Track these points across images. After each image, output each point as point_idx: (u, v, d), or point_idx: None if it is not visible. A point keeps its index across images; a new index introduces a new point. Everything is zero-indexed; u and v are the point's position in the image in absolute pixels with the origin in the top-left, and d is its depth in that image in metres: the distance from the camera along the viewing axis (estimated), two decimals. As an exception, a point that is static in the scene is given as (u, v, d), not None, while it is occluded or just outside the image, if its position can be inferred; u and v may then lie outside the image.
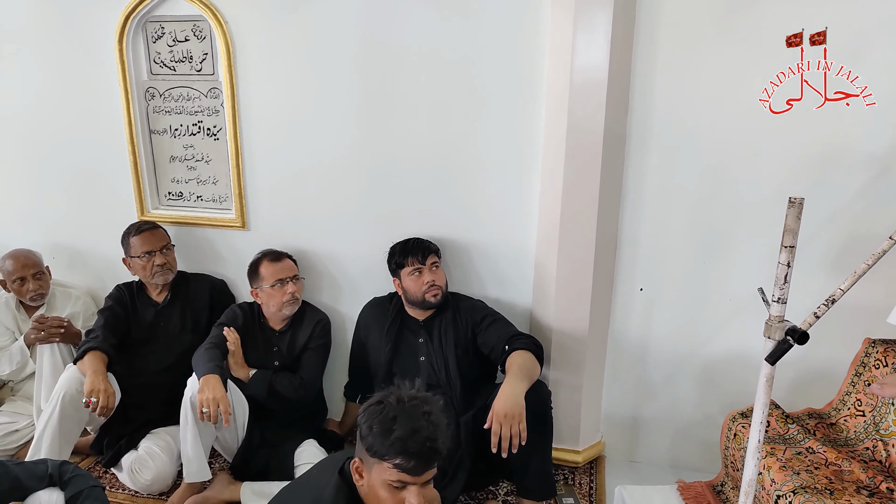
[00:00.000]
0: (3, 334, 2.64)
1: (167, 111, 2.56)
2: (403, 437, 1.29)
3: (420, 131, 2.31)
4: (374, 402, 1.37)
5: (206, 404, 2.06)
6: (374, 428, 1.32)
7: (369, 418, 1.34)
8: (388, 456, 1.30)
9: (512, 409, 1.83)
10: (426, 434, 1.31)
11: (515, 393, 1.87)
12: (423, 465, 1.32)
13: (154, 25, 2.46)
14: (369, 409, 1.36)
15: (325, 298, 2.60)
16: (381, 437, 1.30)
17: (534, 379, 2.00)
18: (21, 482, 1.60)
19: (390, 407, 1.33)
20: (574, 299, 2.25)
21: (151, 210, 2.68)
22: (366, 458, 1.35)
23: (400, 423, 1.30)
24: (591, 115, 2.05)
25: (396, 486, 1.32)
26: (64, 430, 2.21)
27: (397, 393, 1.37)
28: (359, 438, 1.37)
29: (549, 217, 2.22)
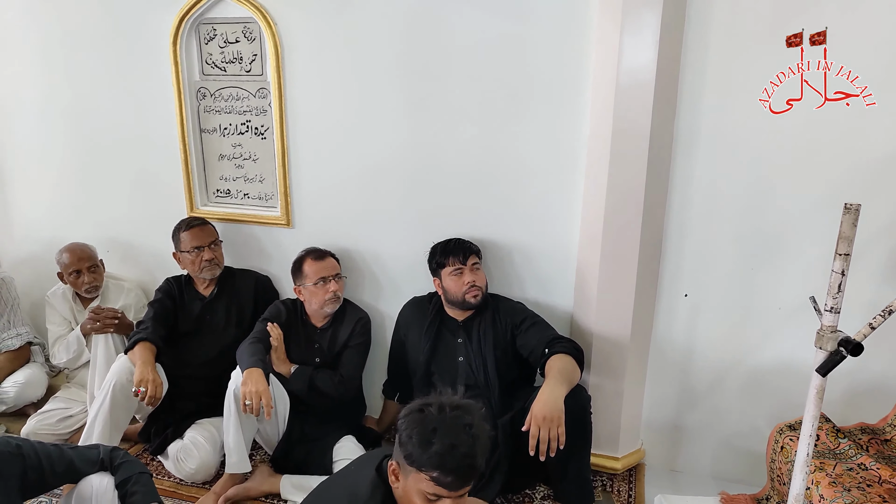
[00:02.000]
0: (61, 324, 2.76)
1: (217, 111, 2.63)
2: (442, 453, 1.27)
3: (463, 131, 2.31)
4: (415, 409, 1.36)
5: (249, 397, 2.11)
6: (413, 437, 1.31)
7: (409, 426, 1.33)
8: (426, 468, 1.29)
9: (551, 413, 1.82)
10: (465, 450, 1.29)
11: (555, 397, 1.86)
12: (461, 482, 1.31)
13: (207, 27, 2.53)
14: (410, 416, 1.34)
15: (366, 297, 2.63)
16: (420, 447, 1.29)
17: (573, 383, 1.98)
18: (75, 465, 1.66)
19: (431, 417, 1.31)
20: (616, 303, 2.22)
21: (200, 206, 2.75)
22: (403, 464, 1.34)
23: (440, 436, 1.29)
24: (637, 118, 2.01)
25: (431, 497, 1.32)
26: (114, 418, 2.29)
27: (439, 401, 1.35)
28: (397, 443, 1.36)
29: (592, 219, 2.20)
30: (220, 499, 2.21)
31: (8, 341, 2.70)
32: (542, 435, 1.81)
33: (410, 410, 1.36)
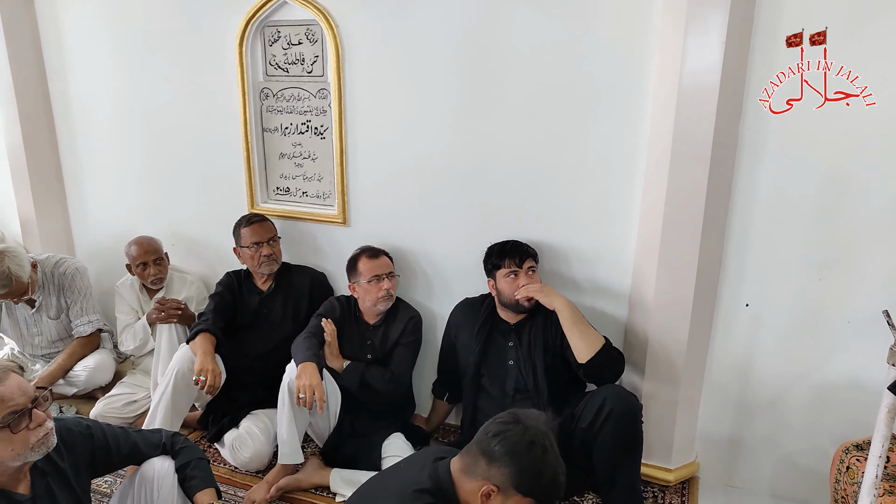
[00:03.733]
0: (129, 313, 2.90)
1: (279, 110, 2.71)
2: (562, 483, 1.41)
3: (520, 133, 2.31)
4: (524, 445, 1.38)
5: (302, 390, 2.16)
6: (536, 475, 1.37)
7: (530, 463, 1.37)
8: (539, 495, 1.39)
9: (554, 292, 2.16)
10: (563, 472, 1.42)
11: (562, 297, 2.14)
12: (553, 501, 1.43)
13: (271, 30, 2.60)
14: (529, 453, 1.38)
15: (418, 296, 2.66)
16: (543, 483, 1.38)
17: (588, 337, 2.09)
18: (139, 448, 1.74)
19: (551, 452, 1.40)
20: (673, 311, 2.17)
21: (261, 203, 2.84)
22: (508, 491, 1.38)
23: (555, 469, 1.40)
24: (700, 121, 1.96)
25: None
26: (175, 404, 2.39)
27: (544, 429, 1.42)
28: (499, 470, 1.38)
29: (650, 225, 2.15)
30: (272, 488, 2.27)
31: (80, 328, 2.85)
32: (533, 285, 2.18)
33: (521, 446, 1.39)
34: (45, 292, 2.80)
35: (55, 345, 2.89)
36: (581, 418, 2.03)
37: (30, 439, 1.41)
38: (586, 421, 2.00)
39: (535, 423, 1.43)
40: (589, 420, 1.99)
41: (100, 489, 2.33)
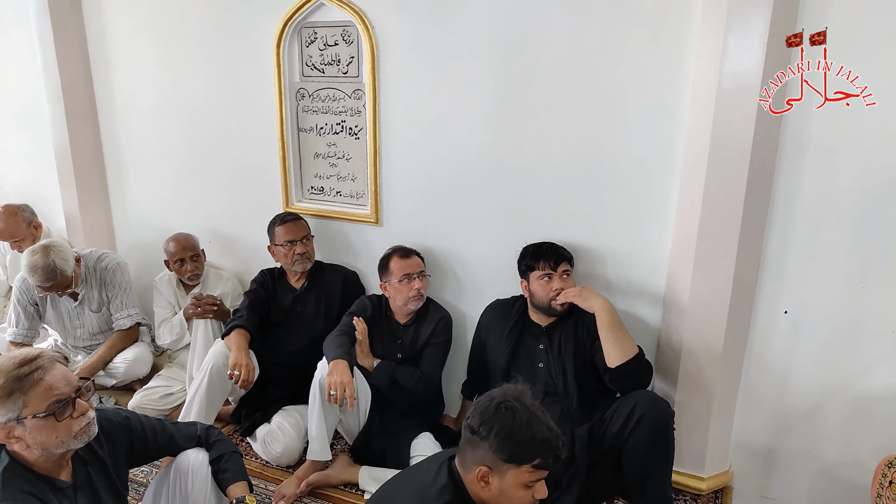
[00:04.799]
0: (166, 308, 2.97)
1: (314, 111, 2.74)
2: (544, 439, 1.36)
3: (555, 134, 2.29)
4: (493, 410, 1.38)
5: (333, 387, 2.18)
6: (511, 438, 1.35)
7: (501, 430, 1.35)
8: (528, 460, 1.36)
9: (594, 294, 2.13)
10: (555, 430, 1.40)
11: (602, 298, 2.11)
12: (558, 460, 1.40)
13: (308, 31, 2.64)
14: (495, 419, 1.36)
15: (448, 296, 2.66)
16: (522, 444, 1.35)
17: (623, 344, 2.06)
18: (175, 440, 1.78)
19: (519, 413, 1.37)
20: (709, 317, 2.13)
21: (295, 202, 2.88)
22: (498, 466, 1.37)
23: (536, 425, 1.36)
24: (740, 123, 1.92)
25: (530, 485, 1.39)
26: (210, 398, 2.44)
27: (509, 394, 1.40)
28: (485, 450, 1.38)
29: (686, 228, 2.11)
30: (301, 483, 2.30)
31: (120, 321, 2.93)
32: (571, 289, 2.15)
33: (489, 413, 1.39)
34: (87, 286, 2.89)
35: (96, 337, 2.98)
36: (611, 423, 2.00)
37: (73, 428, 1.45)
38: (616, 426, 1.98)
39: (502, 392, 1.42)
40: (619, 425, 1.97)
41: (136, 478, 2.39)
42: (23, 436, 1.42)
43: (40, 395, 1.41)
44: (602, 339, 2.09)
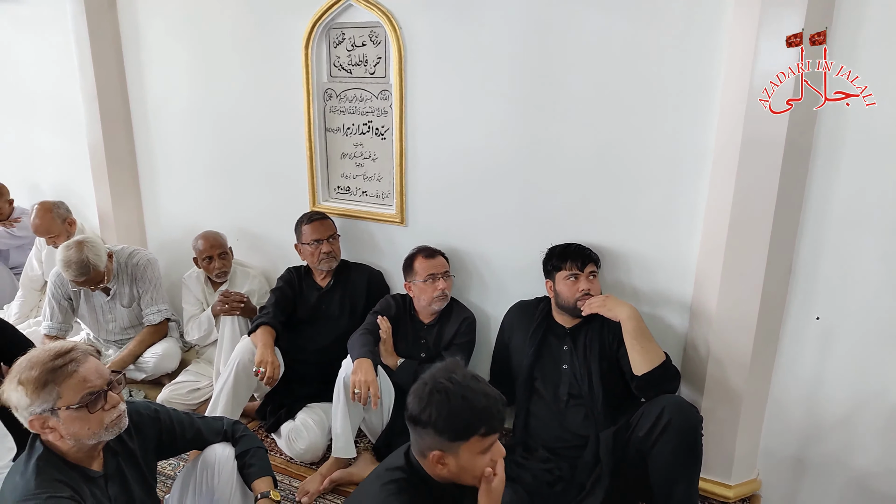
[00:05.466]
0: (195, 304, 3.02)
1: (342, 111, 2.76)
2: (483, 407, 1.39)
3: (582, 135, 2.28)
4: (426, 394, 1.40)
5: (357, 385, 2.19)
6: (451, 417, 1.37)
7: (440, 413, 1.38)
8: (474, 430, 1.38)
9: (618, 302, 2.09)
10: (493, 394, 1.42)
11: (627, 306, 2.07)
12: (502, 421, 1.42)
13: (336, 32, 2.66)
14: (432, 402, 1.39)
15: (472, 297, 2.66)
16: (463, 419, 1.37)
17: (649, 351, 2.02)
18: (202, 434, 1.81)
19: (452, 391, 1.39)
20: (737, 323, 2.09)
21: (322, 202, 2.90)
22: (448, 446, 1.40)
23: (471, 398, 1.38)
24: (771, 125, 1.89)
25: (486, 449, 1.41)
26: (236, 394, 2.47)
27: (439, 375, 1.43)
28: (431, 434, 1.40)
29: (715, 231, 2.08)
30: (325, 480, 2.32)
31: (150, 316, 2.99)
32: (596, 299, 2.12)
33: (424, 399, 1.41)
34: (119, 281, 2.95)
35: (127, 331, 3.04)
36: (638, 427, 1.98)
37: (104, 419, 1.49)
38: (643, 430, 1.95)
39: (432, 375, 1.44)
40: (646, 429, 1.94)
41: (164, 471, 2.44)
42: (57, 426, 1.45)
43: (74, 387, 1.45)
44: (628, 347, 2.06)
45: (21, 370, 1.45)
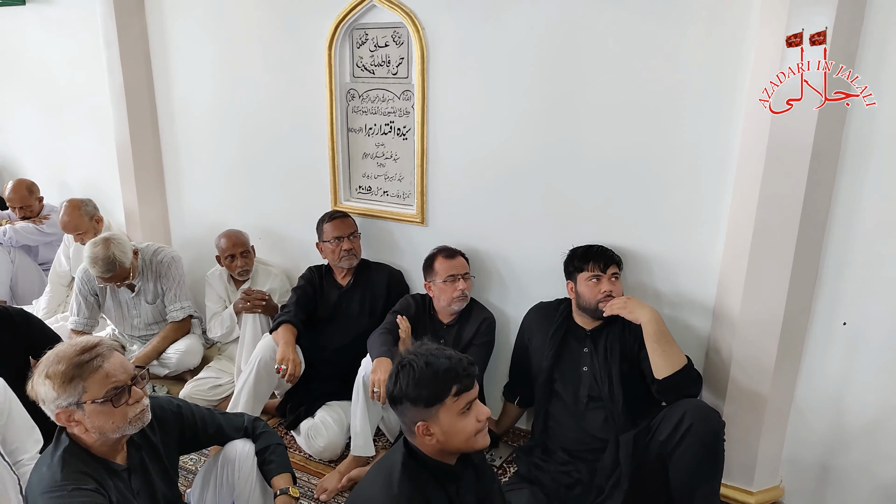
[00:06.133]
0: (217, 302, 3.06)
1: (364, 111, 2.78)
2: (448, 367, 1.45)
3: (604, 136, 2.26)
4: (395, 372, 1.49)
5: (377, 385, 2.20)
6: (420, 383, 1.44)
7: (408, 384, 1.45)
8: (446, 391, 1.44)
9: (639, 304, 2.07)
10: (455, 355, 1.48)
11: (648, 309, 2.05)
12: (471, 378, 1.48)
13: (359, 32, 2.68)
14: (402, 377, 1.47)
15: (492, 298, 2.65)
16: (431, 384, 1.44)
17: (670, 355, 2.00)
18: (223, 430, 1.83)
19: (416, 361, 1.47)
20: (761, 327, 2.06)
21: (343, 201, 2.92)
22: (428, 413, 1.45)
23: (434, 363, 1.46)
24: (799, 126, 1.85)
25: (465, 409, 1.47)
26: (257, 391, 2.50)
27: (406, 353, 1.52)
28: (409, 407, 1.47)
29: (740, 234, 2.05)
30: (343, 478, 2.33)
31: (174, 313, 3.03)
32: (617, 300, 2.09)
33: (394, 379, 1.49)
34: (143, 278, 3.00)
35: (151, 327, 3.09)
36: (658, 430, 1.96)
37: (128, 414, 1.51)
38: (664, 434, 1.93)
39: (399, 357, 1.53)
40: (667, 433, 1.92)
41: (185, 466, 2.47)
42: (82, 420, 1.48)
43: (99, 381, 1.47)
44: (649, 350, 2.04)
45: (48, 364, 1.48)
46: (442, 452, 1.51)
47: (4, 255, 3.57)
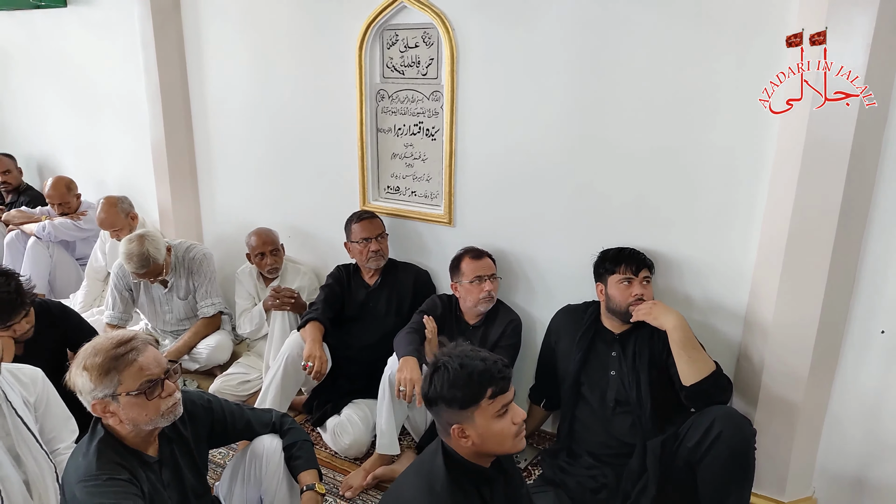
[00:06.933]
0: (246, 299, 3.11)
1: (393, 112, 2.79)
2: (482, 369, 1.45)
3: (634, 137, 2.24)
4: (430, 377, 1.49)
5: (403, 383, 2.21)
6: (454, 386, 1.44)
7: (443, 385, 1.46)
8: (480, 393, 1.44)
9: (665, 310, 2.03)
10: (490, 357, 1.48)
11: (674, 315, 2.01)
12: (506, 380, 1.47)
13: (390, 33, 2.69)
14: (435, 381, 1.47)
15: (518, 300, 2.64)
16: (466, 386, 1.44)
17: (697, 361, 1.97)
18: (252, 425, 1.86)
19: (451, 363, 1.47)
20: (795, 334, 2.01)
21: (371, 201, 2.94)
22: (464, 416, 1.45)
23: (468, 364, 1.45)
24: (837, 129, 1.81)
25: (501, 412, 1.46)
26: (285, 387, 2.53)
27: (441, 354, 1.51)
28: (444, 409, 1.47)
29: (774, 238, 2.01)
30: (368, 475, 2.35)
31: (205, 309, 3.09)
32: (646, 305, 2.06)
33: (429, 381, 1.49)
34: (176, 274, 3.06)
35: (182, 323, 3.15)
36: (687, 437, 1.93)
37: (161, 407, 1.54)
38: (692, 441, 1.90)
39: (434, 357, 1.52)
40: (696, 440, 1.89)
41: (214, 459, 2.51)
42: (117, 411, 1.52)
43: (133, 374, 1.51)
44: (675, 357, 2.01)
45: (86, 356, 1.52)
46: (477, 455, 1.50)
47: (43, 250, 3.67)
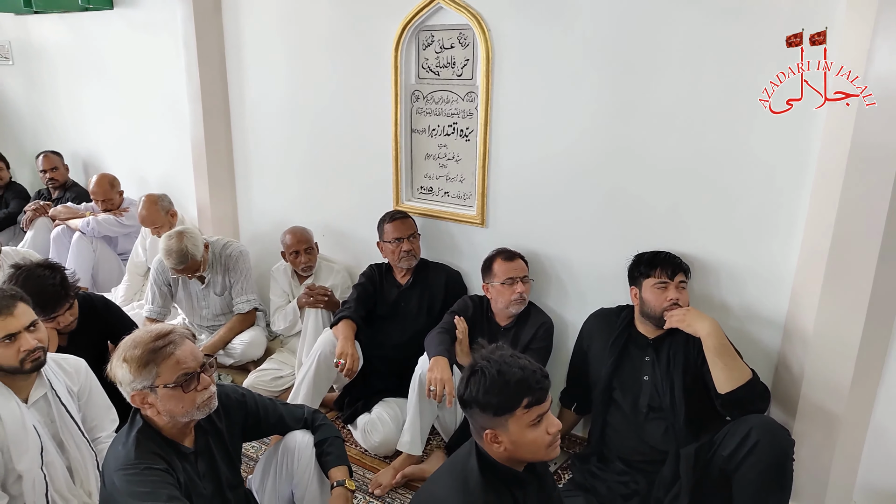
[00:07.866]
0: (281, 296, 3.15)
1: (428, 112, 2.80)
2: (520, 378, 1.42)
3: (672, 139, 2.20)
4: (467, 380, 1.46)
5: (433, 383, 2.22)
6: (490, 392, 1.42)
7: (479, 390, 1.43)
8: (516, 403, 1.41)
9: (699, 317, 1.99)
10: (529, 366, 1.45)
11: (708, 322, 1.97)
12: (544, 391, 1.44)
13: (426, 34, 2.70)
14: (471, 385, 1.45)
15: (550, 302, 2.62)
16: (502, 393, 1.41)
17: (732, 369, 1.93)
18: (284, 420, 1.89)
19: (489, 368, 1.44)
20: (837, 342, 1.95)
21: (405, 201, 2.95)
22: (498, 423, 1.43)
23: (506, 371, 1.43)
24: (885, 131, 1.75)
25: (536, 422, 1.43)
26: (317, 384, 2.56)
27: (478, 357, 1.48)
28: (478, 413, 1.45)
29: (816, 244, 1.95)
30: (397, 474, 2.36)
31: (240, 305, 3.15)
32: (679, 312, 2.03)
33: (466, 384, 1.47)
34: (213, 271, 3.12)
35: (218, 318, 3.22)
36: (722, 446, 1.89)
37: (196, 399, 1.58)
38: (728, 449, 1.86)
39: (473, 360, 1.49)
40: (731, 449, 1.85)
41: (247, 453, 2.55)
42: (154, 403, 1.56)
43: (171, 367, 1.55)
44: (710, 364, 1.97)
45: (126, 349, 1.56)
46: (510, 460, 1.49)
47: (87, 245, 3.79)
